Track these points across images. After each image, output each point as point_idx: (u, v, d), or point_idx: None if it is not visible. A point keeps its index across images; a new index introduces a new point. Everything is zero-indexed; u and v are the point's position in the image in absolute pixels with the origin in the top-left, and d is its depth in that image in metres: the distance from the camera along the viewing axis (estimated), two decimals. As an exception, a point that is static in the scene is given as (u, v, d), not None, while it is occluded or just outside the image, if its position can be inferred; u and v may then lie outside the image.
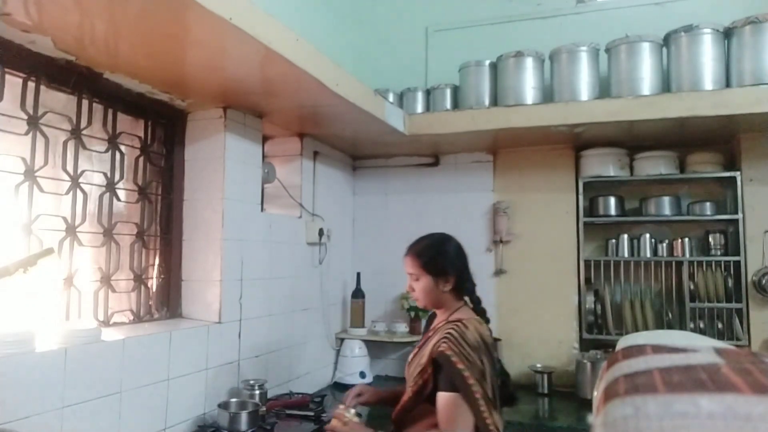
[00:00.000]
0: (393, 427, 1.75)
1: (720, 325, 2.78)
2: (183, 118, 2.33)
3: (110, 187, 2.02)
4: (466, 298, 1.79)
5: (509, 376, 1.89)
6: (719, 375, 0.40)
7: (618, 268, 2.96)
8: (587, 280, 2.98)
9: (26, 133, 1.70)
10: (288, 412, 2.24)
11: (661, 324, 2.85)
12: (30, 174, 1.69)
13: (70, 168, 1.85)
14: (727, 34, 2.56)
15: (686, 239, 2.87)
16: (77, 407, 1.56)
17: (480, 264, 3.21)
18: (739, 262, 2.74)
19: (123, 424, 1.71)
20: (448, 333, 1.60)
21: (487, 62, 3.01)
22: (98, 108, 1.98)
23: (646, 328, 2.82)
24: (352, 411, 1.84)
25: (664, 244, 2.91)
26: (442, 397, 1.56)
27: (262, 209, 2.57)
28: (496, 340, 2.96)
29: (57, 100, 1.83)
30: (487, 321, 1.77)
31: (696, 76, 2.56)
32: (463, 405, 1.53)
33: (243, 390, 2.21)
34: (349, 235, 3.46)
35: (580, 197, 2.99)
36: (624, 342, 2.36)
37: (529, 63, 2.87)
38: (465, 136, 2.89)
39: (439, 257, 1.75)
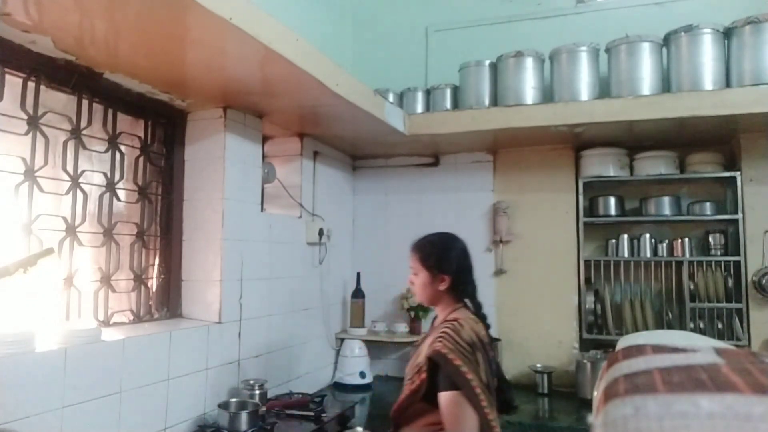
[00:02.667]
0: (392, 427, 1.75)
1: (720, 325, 2.78)
2: (183, 118, 2.33)
3: (110, 187, 2.02)
4: (467, 301, 1.79)
5: (509, 383, 1.89)
6: (719, 375, 0.40)
7: (618, 268, 2.96)
8: (587, 280, 2.98)
9: (26, 133, 1.70)
10: (288, 412, 2.24)
11: (661, 324, 2.85)
12: (30, 174, 1.69)
13: (70, 168, 1.85)
14: (727, 34, 2.56)
15: (686, 239, 2.87)
16: (77, 407, 1.56)
17: (480, 264, 3.19)
18: (739, 262, 2.74)
19: (123, 424, 1.71)
20: (443, 331, 1.61)
21: (487, 62, 3.01)
22: (98, 108, 1.98)
23: (646, 328, 2.82)
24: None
25: (664, 244, 2.91)
26: (444, 397, 1.55)
27: (262, 209, 2.57)
28: (496, 340, 2.96)
29: (57, 100, 1.83)
30: (488, 327, 1.76)
31: (696, 76, 2.56)
32: (466, 403, 1.53)
33: (243, 390, 2.21)
34: (349, 235, 3.46)
35: (580, 197, 2.99)
36: (624, 342, 2.36)
37: (529, 63, 2.87)
38: (465, 136, 2.89)
39: (439, 256, 1.75)
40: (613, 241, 2.99)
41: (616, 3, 3.15)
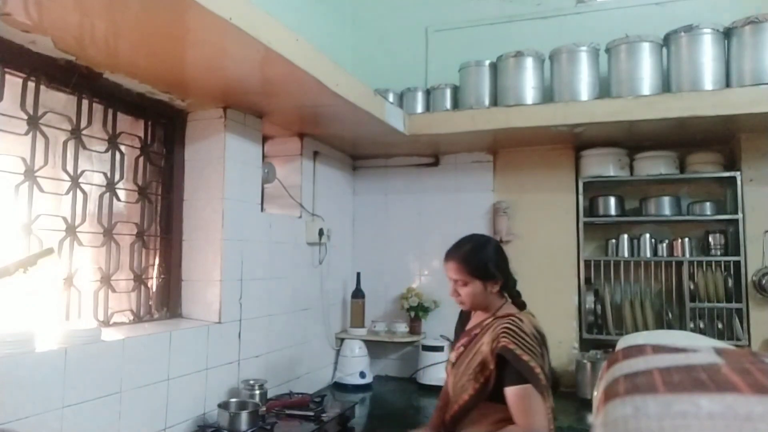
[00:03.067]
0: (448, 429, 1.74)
1: (720, 325, 2.78)
2: (183, 118, 2.33)
3: (110, 187, 2.02)
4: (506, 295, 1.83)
5: (551, 366, 1.90)
6: (719, 375, 0.40)
7: (618, 268, 2.96)
8: (587, 280, 2.98)
9: (26, 133, 1.70)
10: (288, 412, 2.23)
11: (661, 324, 2.85)
12: (30, 174, 1.69)
13: (70, 168, 1.85)
14: (727, 34, 2.56)
15: (686, 239, 2.87)
16: (77, 407, 1.56)
17: (480, 264, 3.21)
18: (739, 262, 2.74)
19: (123, 424, 1.71)
20: (506, 328, 1.63)
21: (487, 62, 3.01)
22: (98, 108, 1.98)
23: (646, 328, 2.82)
24: None
25: (664, 244, 2.91)
26: (514, 391, 1.57)
27: (262, 209, 2.57)
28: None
29: (57, 100, 1.83)
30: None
31: (696, 76, 2.56)
32: (536, 394, 1.56)
33: (243, 390, 2.21)
34: (349, 235, 3.46)
35: (580, 197, 2.98)
36: (624, 342, 2.36)
37: (529, 63, 2.87)
38: (465, 136, 2.89)
39: (487, 261, 1.76)
40: (613, 241, 2.99)
41: (616, 3, 3.15)
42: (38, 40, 1.62)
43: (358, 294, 3.22)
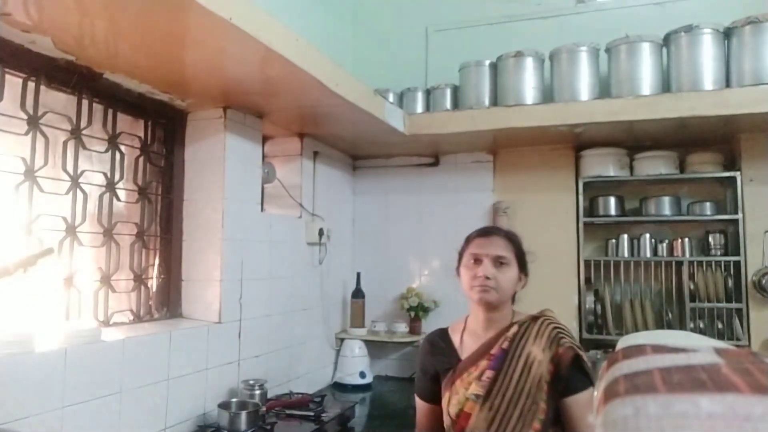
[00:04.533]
0: None
1: (720, 325, 2.78)
2: (183, 118, 2.33)
3: (110, 187, 2.02)
4: None
5: None
6: (719, 375, 0.40)
7: (618, 268, 2.96)
8: (587, 280, 2.98)
9: (26, 133, 1.70)
10: (288, 412, 2.24)
11: (661, 324, 2.85)
12: (30, 174, 1.69)
13: (70, 168, 1.85)
14: (727, 34, 2.56)
15: (686, 239, 2.87)
16: (77, 407, 1.56)
17: (480, 264, 3.21)
18: (739, 262, 2.74)
19: (123, 424, 1.71)
20: (557, 329, 1.47)
21: (487, 62, 3.01)
22: (98, 108, 1.98)
23: (646, 328, 2.82)
24: None
25: (664, 244, 2.91)
26: (582, 399, 1.41)
27: (262, 209, 2.57)
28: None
29: (57, 100, 1.83)
30: None
31: (696, 76, 2.56)
32: None
33: (243, 390, 2.21)
34: (349, 235, 3.46)
35: (580, 197, 2.98)
36: (624, 342, 2.36)
37: (529, 63, 2.87)
38: (465, 136, 2.89)
39: (524, 253, 1.60)
40: (613, 241, 2.99)
41: (616, 3, 3.15)
42: (38, 40, 1.62)
43: (358, 294, 3.22)
